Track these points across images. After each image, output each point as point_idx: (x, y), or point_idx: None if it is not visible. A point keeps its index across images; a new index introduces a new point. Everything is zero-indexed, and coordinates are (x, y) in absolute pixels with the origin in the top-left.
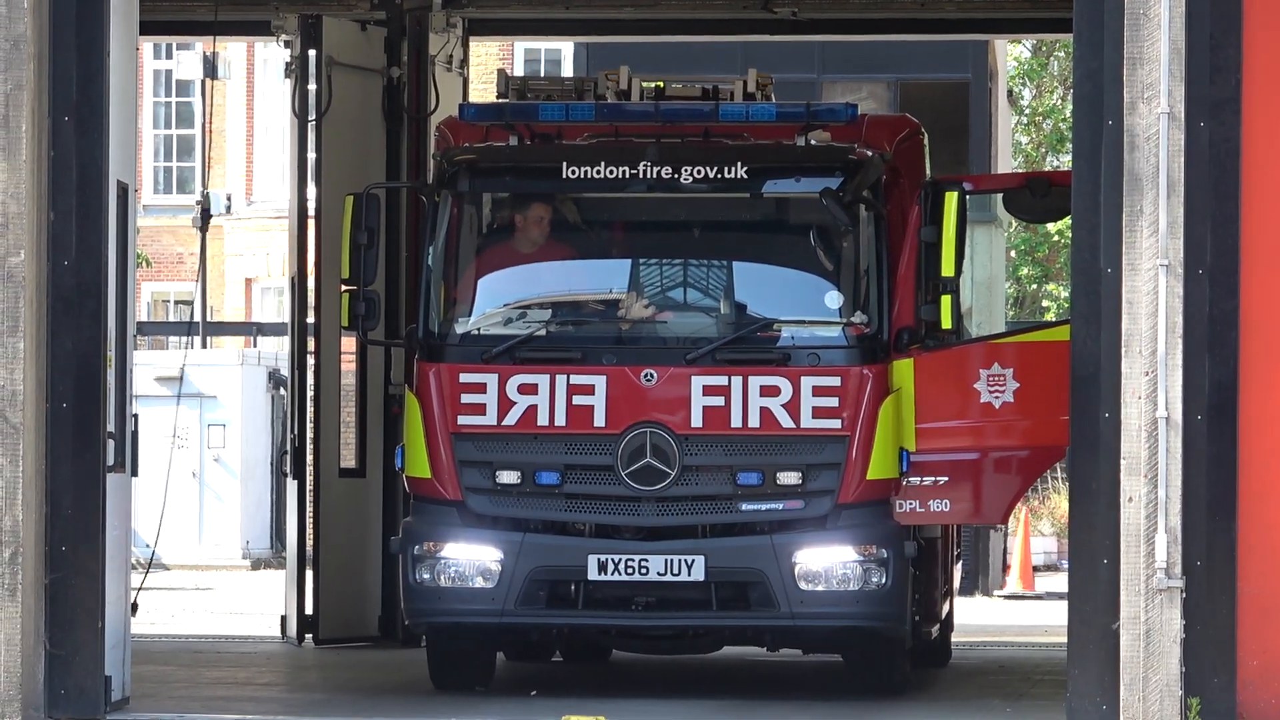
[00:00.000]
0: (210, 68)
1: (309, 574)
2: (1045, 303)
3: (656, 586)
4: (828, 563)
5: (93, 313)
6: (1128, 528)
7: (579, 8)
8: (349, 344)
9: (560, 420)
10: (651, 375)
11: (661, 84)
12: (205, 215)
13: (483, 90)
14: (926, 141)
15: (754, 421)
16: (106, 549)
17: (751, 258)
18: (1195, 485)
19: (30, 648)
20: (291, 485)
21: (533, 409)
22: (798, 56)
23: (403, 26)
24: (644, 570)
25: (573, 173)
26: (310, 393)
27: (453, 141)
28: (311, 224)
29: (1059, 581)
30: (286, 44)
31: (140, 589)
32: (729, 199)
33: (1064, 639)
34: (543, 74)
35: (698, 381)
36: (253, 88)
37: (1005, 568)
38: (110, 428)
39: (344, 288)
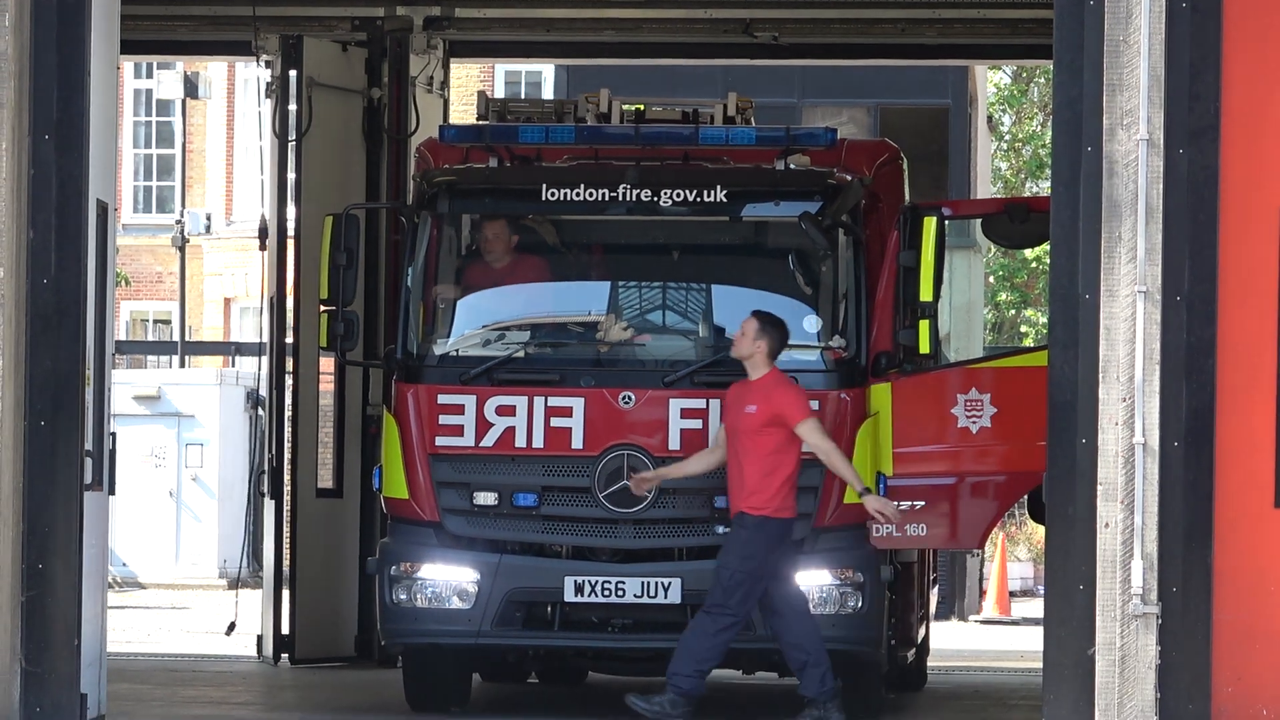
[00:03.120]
0: (191, 87)
1: (285, 594)
2: (1023, 328)
3: (633, 609)
4: (804, 586)
5: (71, 331)
6: (1104, 553)
7: (560, 30)
8: (327, 364)
9: (538, 442)
10: (630, 398)
11: (642, 107)
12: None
13: (463, 112)
14: (906, 166)
15: None
16: (83, 567)
17: (730, 281)
18: (1172, 511)
19: (6, 665)
20: (269, 505)
21: (510, 430)
22: (778, 81)
23: (384, 48)
24: (620, 592)
25: (552, 195)
26: (288, 413)
27: (433, 163)
28: (291, 244)
29: (1035, 607)
30: (267, 64)
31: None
32: (708, 222)
33: (1040, 664)
34: (523, 96)
35: (675, 404)
36: (233, 108)
37: (981, 593)
38: (88, 446)
39: (323, 308)
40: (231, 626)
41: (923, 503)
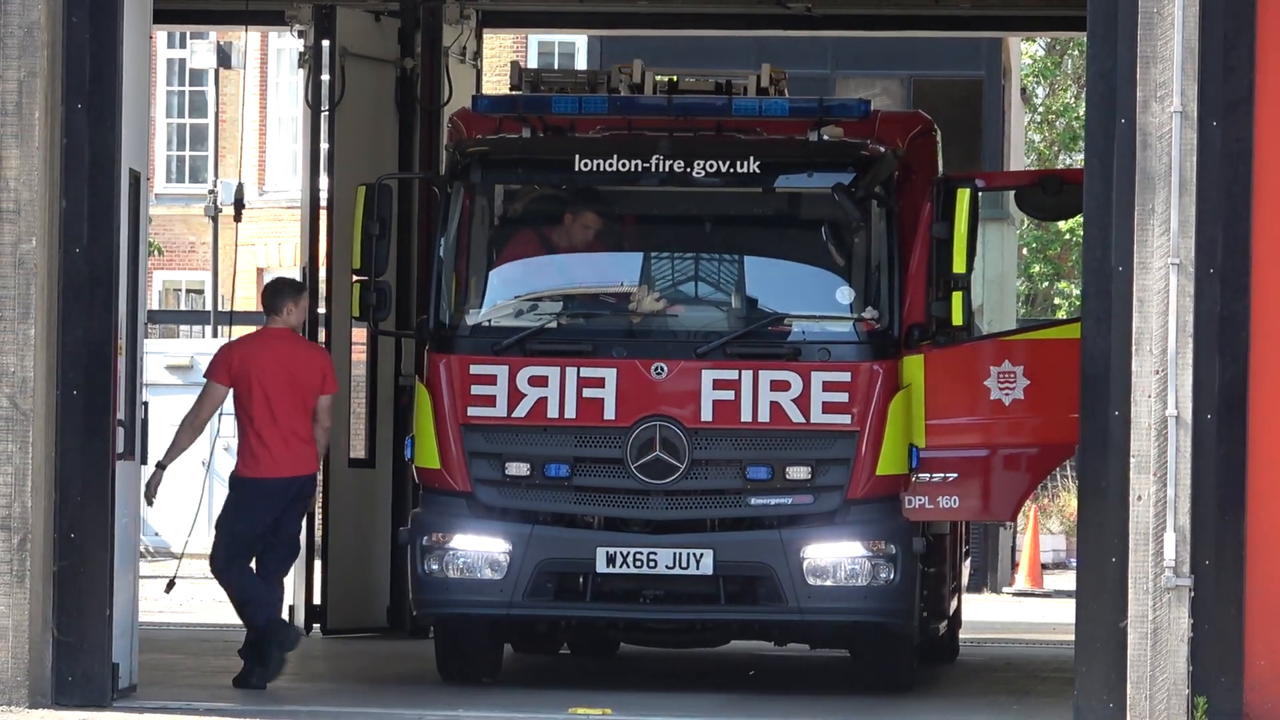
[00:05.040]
0: (224, 57)
1: (318, 564)
2: (1056, 300)
3: (665, 580)
4: (836, 558)
5: (104, 300)
6: (1136, 526)
7: (593, 1)
8: (360, 334)
9: (570, 413)
10: (662, 369)
11: (675, 78)
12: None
13: (496, 82)
14: (939, 138)
15: (764, 416)
16: (115, 536)
17: (763, 252)
18: (1204, 484)
19: (38, 634)
20: None
21: (543, 401)
22: (811, 52)
23: (416, 18)
24: (652, 563)
25: (585, 165)
26: None
27: (465, 133)
28: (324, 214)
29: (1067, 579)
30: (300, 34)
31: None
32: (741, 193)
33: (1071, 637)
34: (556, 67)
35: (708, 375)
36: (266, 78)
37: (1014, 565)
38: (120, 416)
39: (355, 278)
40: (171, 584)
41: (955, 475)
